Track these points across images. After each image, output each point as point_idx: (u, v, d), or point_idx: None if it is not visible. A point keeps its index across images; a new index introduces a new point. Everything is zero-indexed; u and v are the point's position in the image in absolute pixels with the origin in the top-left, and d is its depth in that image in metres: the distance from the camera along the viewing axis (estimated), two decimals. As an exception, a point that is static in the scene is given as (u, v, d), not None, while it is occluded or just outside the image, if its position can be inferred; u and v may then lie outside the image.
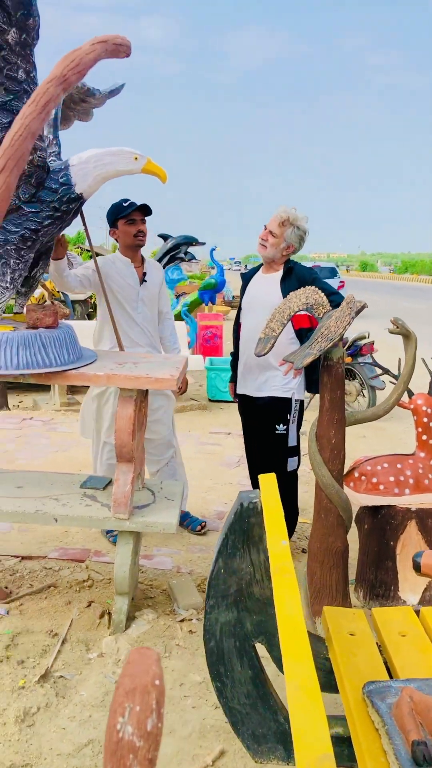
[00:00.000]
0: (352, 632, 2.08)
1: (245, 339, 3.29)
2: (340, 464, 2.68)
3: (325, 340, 2.43)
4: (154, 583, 3.18)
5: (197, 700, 2.37)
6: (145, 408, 2.86)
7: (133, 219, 3.28)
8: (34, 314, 2.59)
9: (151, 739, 0.47)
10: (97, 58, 0.86)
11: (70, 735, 2.16)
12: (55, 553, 3.42)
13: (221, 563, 1.99)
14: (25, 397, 7.33)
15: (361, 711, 1.71)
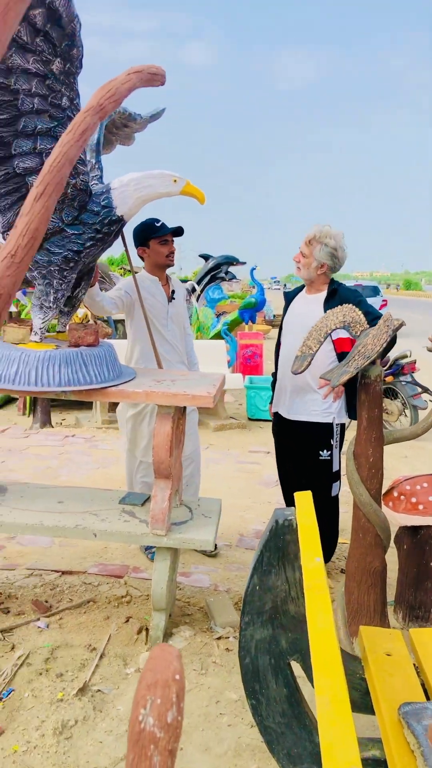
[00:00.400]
0: (389, 652, 2.06)
1: (284, 359, 3.29)
2: (378, 483, 2.66)
3: (362, 358, 2.44)
4: (192, 600, 3.19)
5: (233, 718, 2.36)
6: (182, 425, 2.89)
7: (167, 239, 3.36)
8: (76, 333, 2.66)
9: (171, 731, 0.49)
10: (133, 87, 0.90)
11: (106, 749, 2.18)
12: (94, 569, 3.46)
13: (256, 580, 2.00)
14: (68, 414, 7.46)
15: (397, 732, 1.69)
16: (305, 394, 3.20)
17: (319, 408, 3.19)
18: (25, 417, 7.29)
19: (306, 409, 3.22)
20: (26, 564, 3.49)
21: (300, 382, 3.17)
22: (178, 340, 3.55)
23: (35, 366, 2.49)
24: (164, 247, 3.39)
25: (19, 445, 5.98)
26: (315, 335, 2.67)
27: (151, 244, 3.38)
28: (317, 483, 3.24)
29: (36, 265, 2.54)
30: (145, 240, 3.39)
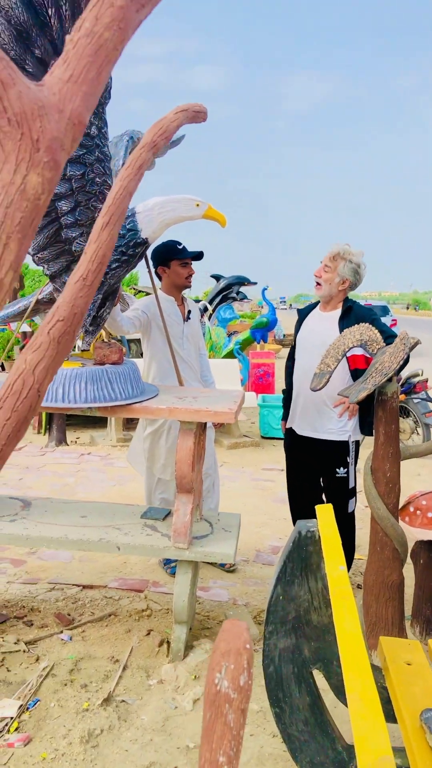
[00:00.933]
0: (409, 662, 2.10)
1: (299, 375, 3.35)
2: (395, 497, 2.72)
3: (379, 375, 2.51)
4: (211, 614, 3.24)
5: (255, 729, 2.41)
6: (203, 441, 2.97)
7: (187, 262, 3.46)
8: (101, 351, 2.75)
9: (243, 693, 0.56)
10: (180, 124, 0.99)
11: (132, 757, 2.23)
12: (114, 583, 3.52)
13: (280, 590, 2.06)
14: (83, 433, 7.55)
15: (420, 738, 1.74)
16: (321, 412, 3.26)
17: (335, 426, 3.25)
18: (41, 435, 7.38)
19: (323, 426, 3.28)
20: (48, 578, 3.56)
21: (316, 400, 3.24)
22: (193, 359, 3.65)
23: (62, 383, 2.58)
24: (185, 269, 3.50)
25: (36, 463, 6.07)
26: (333, 353, 2.74)
27: (171, 265, 3.49)
28: (334, 500, 3.30)
29: (64, 286, 2.63)
30: (166, 260, 3.49)
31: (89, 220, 2.53)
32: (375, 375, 2.54)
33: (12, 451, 0.71)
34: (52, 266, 2.58)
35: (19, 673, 2.69)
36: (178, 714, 2.46)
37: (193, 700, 2.54)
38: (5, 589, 3.40)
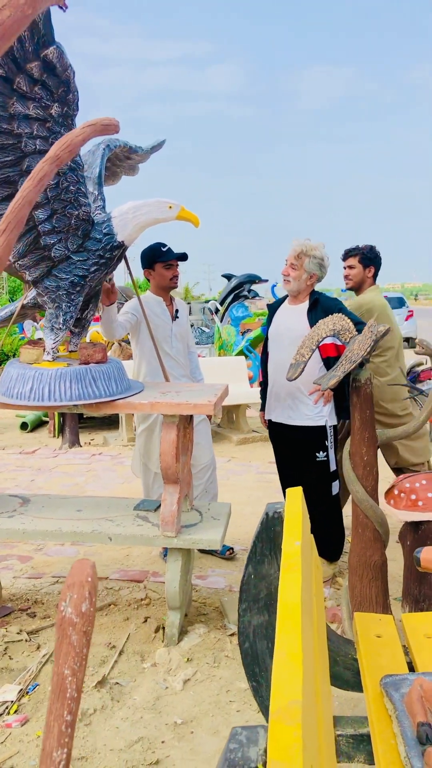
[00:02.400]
0: (379, 635, 2.20)
1: (273, 367, 3.48)
2: (373, 480, 2.81)
3: (348, 363, 2.60)
4: (208, 601, 3.35)
5: (242, 705, 2.52)
6: (189, 433, 3.08)
7: (171, 264, 3.57)
8: (85, 351, 2.88)
9: (84, 618, 0.67)
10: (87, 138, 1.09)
11: (122, 733, 2.35)
12: (116, 575, 3.65)
13: (251, 569, 2.16)
14: (96, 434, 7.71)
15: (379, 703, 1.84)
16: (297, 399, 3.39)
17: (312, 412, 3.36)
18: (55, 438, 7.56)
19: (299, 414, 3.40)
20: (52, 572, 3.70)
21: (291, 389, 3.35)
22: (182, 356, 3.75)
23: (48, 383, 2.71)
24: (168, 271, 3.60)
25: (48, 465, 6.23)
26: (308, 344, 2.84)
27: (156, 267, 3.60)
28: (317, 483, 3.40)
29: (45, 291, 2.77)
30: (151, 263, 3.60)
31: (66, 226, 2.65)
32: (345, 363, 2.63)
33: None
34: (33, 272, 2.71)
35: (21, 661, 2.82)
36: (168, 694, 2.58)
37: (184, 680, 2.65)
38: (11, 583, 3.55)
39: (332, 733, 1.87)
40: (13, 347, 11.16)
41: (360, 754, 2.03)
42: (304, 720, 1.09)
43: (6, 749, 2.27)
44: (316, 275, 3.38)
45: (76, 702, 0.67)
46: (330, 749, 1.63)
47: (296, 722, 1.06)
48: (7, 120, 2.37)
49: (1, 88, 2.29)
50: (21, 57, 2.24)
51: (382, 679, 1.85)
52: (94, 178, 2.95)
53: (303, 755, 0.93)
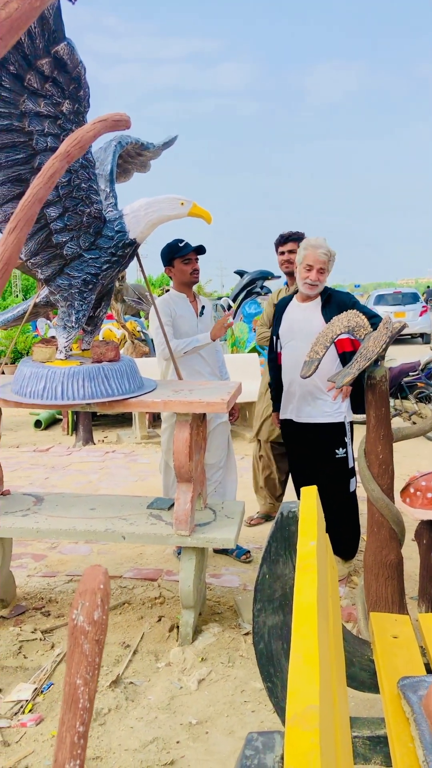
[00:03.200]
0: (396, 635, 2.17)
1: (289, 366, 3.45)
2: (389, 479, 2.78)
3: (363, 360, 2.57)
4: (222, 599, 3.34)
5: (256, 705, 2.50)
6: (203, 431, 3.06)
7: (189, 258, 3.55)
8: (98, 349, 2.87)
9: (96, 626, 0.65)
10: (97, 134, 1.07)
11: (137, 733, 2.34)
12: (130, 573, 3.64)
13: (266, 569, 2.14)
14: (110, 432, 7.71)
15: (396, 705, 1.81)
16: (315, 397, 3.36)
17: (331, 409, 3.34)
18: (69, 436, 7.57)
19: (318, 411, 3.37)
20: (66, 571, 3.70)
21: (309, 387, 3.32)
22: (208, 354, 3.73)
23: (61, 381, 2.70)
24: (187, 265, 3.59)
25: (62, 463, 6.24)
26: (322, 341, 2.81)
27: (175, 263, 3.59)
28: (335, 480, 3.38)
29: (58, 289, 2.76)
30: (170, 260, 3.60)
31: (78, 224, 2.64)
32: (360, 360, 2.60)
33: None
34: (45, 270, 2.70)
35: (36, 660, 2.82)
36: (183, 693, 2.57)
37: (199, 680, 2.64)
38: (25, 582, 3.55)
39: (349, 736, 1.85)
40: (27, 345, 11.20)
41: (377, 756, 2.01)
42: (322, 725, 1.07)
43: (21, 748, 2.27)
44: (330, 272, 3.38)
45: (89, 712, 0.65)
46: (347, 752, 1.61)
47: (313, 727, 1.03)
48: (19, 117, 2.36)
49: (12, 85, 2.28)
50: (32, 54, 2.23)
51: (400, 680, 1.83)
52: (105, 176, 2.93)
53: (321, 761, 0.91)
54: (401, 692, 1.79)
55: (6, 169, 2.45)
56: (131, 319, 9.93)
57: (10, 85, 2.26)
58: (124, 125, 1.17)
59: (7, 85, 2.26)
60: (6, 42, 0.73)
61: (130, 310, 9.72)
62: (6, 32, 0.71)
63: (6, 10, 0.71)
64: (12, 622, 3.12)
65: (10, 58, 2.18)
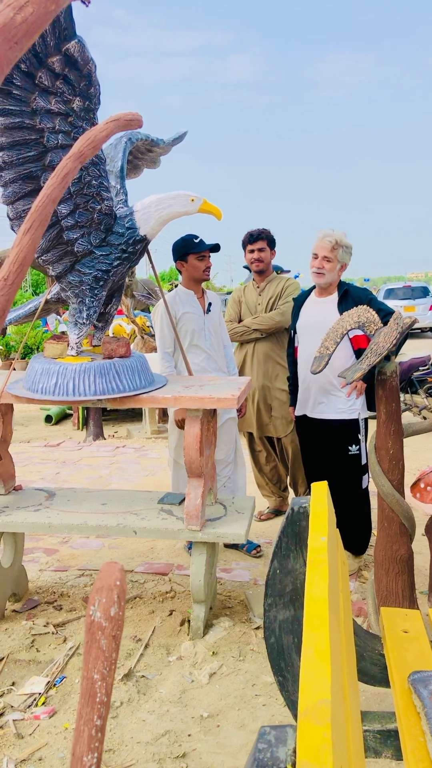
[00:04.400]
0: (406, 630, 2.18)
1: (305, 362, 3.45)
2: (399, 474, 2.78)
3: (374, 355, 2.57)
4: (233, 594, 3.35)
5: (267, 699, 2.51)
6: (213, 427, 3.07)
7: (204, 255, 3.56)
8: (109, 346, 2.88)
9: (113, 622, 0.66)
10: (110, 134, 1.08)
11: (149, 726, 2.36)
12: (141, 568, 3.67)
13: (276, 564, 2.15)
14: (120, 427, 7.74)
15: (407, 699, 1.82)
16: (330, 393, 3.36)
17: (345, 406, 3.34)
18: (79, 431, 7.60)
19: (333, 407, 3.37)
20: (78, 565, 3.73)
21: (324, 383, 3.33)
22: (215, 350, 3.74)
23: (72, 378, 2.72)
24: (201, 262, 3.60)
25: (73, 458, 6.27)
26: (332, 336, 2.81)
27: (189, 258, 3.60)
28: (348, 477, 3.38)
29: (69, 285, 2.77)
30: (184, 255, 3.60)
31: (89, 221, 2.65)
32: (370, 355, 2.60)
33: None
34: (56, 267, 2.72)
35: (48, 653, 2.85)
36: (194, 687, 2.59)
37: (210, 674, 2.66)
38: (37, 576, 3.58)
39: (360, 729, 1.86)
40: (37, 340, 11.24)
41: (388, 749, 2.02)
42: (334, 719, 1.08)
43: (34, 741, 2.30)
44: (346, 264, 3.37)
45: (106, 706, 0.66)
46: (358, 746, 1.62)
47: (326, 722, 1.04)
48: (30, 115, 2.37)
49: (24, 83, 2.29)
50: (42, 51, 2.24)
51: (410, 675, 1.84)
52: (116, 172, 2.94)
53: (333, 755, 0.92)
54: (412, 686, 1.80)
55: (17, 167, 2.46)
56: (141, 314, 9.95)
57: (22, 82, 2.27)
58: (136, 124, 1.18)
59: (19, 83, 2.27)
60: (22, 46, 0.74)
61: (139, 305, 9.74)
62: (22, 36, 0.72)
63: (21, 14, 0.72)
64: (24, 615, 3.15)
65: (22, 57, 2.18)
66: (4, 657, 2.80)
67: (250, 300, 4.20)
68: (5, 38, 0.70)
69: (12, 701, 2.52)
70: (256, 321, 4.06)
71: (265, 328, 4.04)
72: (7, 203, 2.54)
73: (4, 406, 3.11)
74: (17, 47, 0.73)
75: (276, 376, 4.06)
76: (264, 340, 4.11)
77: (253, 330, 4.07)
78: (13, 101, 2.31)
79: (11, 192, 2.51)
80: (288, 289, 4.11)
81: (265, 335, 4.08)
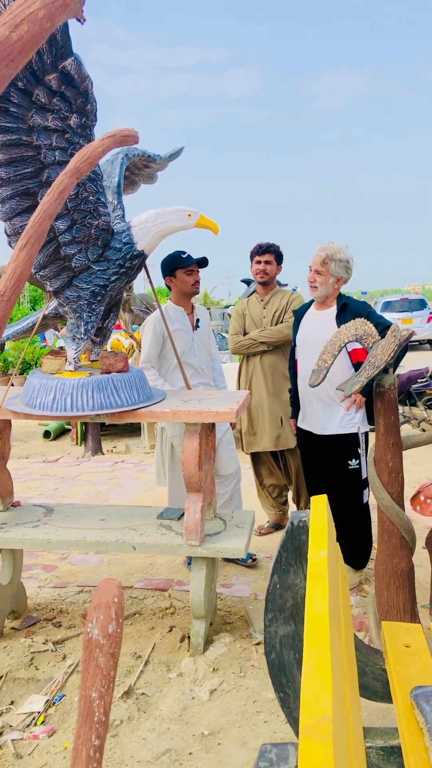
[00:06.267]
0: (408, 644, 2.16)
1: (303, 375, 3.45)
2: (399, 487, 2.77)
3: (372, 368, 2.57)
4: (233, 609, 3.33)
5: (269, 716, 2.49)
6: (212, 441, 3.06)
7: (192, 269, 3.59)
8: (107, 360, 2.88)
9: (111, 639, 0.66)
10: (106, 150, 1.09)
11: (149, 744, 2.33)
12: (140, 584, 3.64)
13: (276, 579, 2.14)
14: (118, 442, 7.72)
15: (409, 715, 1.80)
16: (329, 407, 3.36)
17: (344, 420, 3.33)
18: (78, 446, 7.59)
19: (332, 422, 3.37)
20: (77, 582, 3.70)
21: (323, 397, 3.32)
22: (204, 365, 3.76)
23: (71, 393, 2.71)
24: (190, 276, 3.62)
25: (72, 473, 6.25)
26: (330, 349, 2.81)
27: (177, 273, 3.62)
28: (348, 491, 3.37)
29: (67, 301, 2.78)
30: (172, 270, 3.62)
31: (86, 236, 2.66)
32: (368, 368, 2.60)
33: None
34: (54, 283, 2.72)
35: (47, 671, 2.82)
36: (195, 704, 2.56)
37: (210, 690, 2.63)
38: (36, 593, 3.56)
39: (362, 746, 1.84)
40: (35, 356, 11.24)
41: (391, 766, 2.00)
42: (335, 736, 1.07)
43: (33, 761, 2.27)
44: (343, 278, 3.37)
45: (104, 725, 0.65)
46: (361, 763, 1.60)
47: (327, 739, 1.03)
48: (27, 132, 2.38)
49: (20, 100, 2.30)
50: (39, 69, 2.26)
51: (413, 690, 1.82)
52: (113, 188, 2.95)
53: (335, 773, 0.91)
54: (414, 702, 1.78)
55: (14, 183, 2.48)
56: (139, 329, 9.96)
57: (18, 100, 2.29)
58: (132, 140, 1.19)
59: (16, 101, 2.28)
60: (18, 63, 0.75)
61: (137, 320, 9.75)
62: (18, 54, 0.73)
63: (17, 32, 0.72)
64: (23, 633, 3.12)
65: (18, 74, 2.20)
66: (2, 675, 2.78)
67: (254, 313, 4.21)
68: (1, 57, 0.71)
69: (11, 720, 2.49)
70: (263, 334, 4.08)
71: (273, 341, 4.06)
72: (4, 219, 2.55)
73: (2, 421, 3.10)
74: (13, 65, 0.74)
75: (283, 389, 4.07)
76: (270, 353, 4.13)
77: (260, 343, 4.09)
78: (10, 118, 2.33)
79: (9, 208, 2.52)
80: (293, 303, 4.14)
81: (271, 348, 4.10)
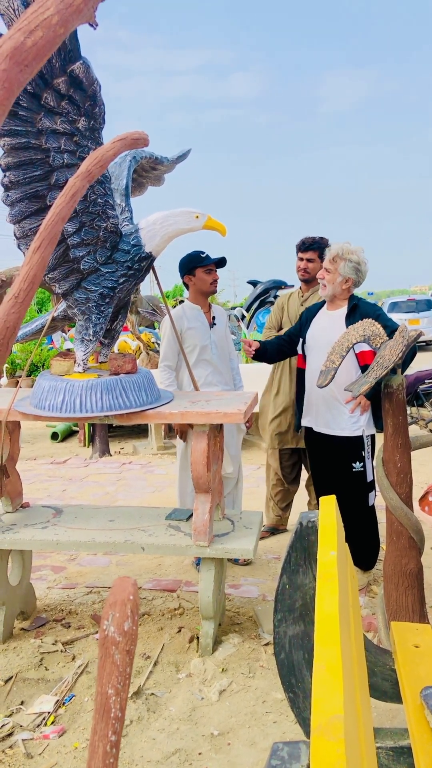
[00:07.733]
0: (417, 644, 2.16)
1: (311, 375, 3.46)
2: (407, 487, 2.77)
3: (380, 369, 2.57)
4: (241, 610, 3.34)
5: (278, 716, 2.49)
6: (220, 442, 3.07)
7: (211, 269, 3.62)
8: (115, 362, 2.89)
9: (127, 636, 0.67)
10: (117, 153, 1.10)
11: (159, 745, 2.34)
12: (149, 584, 3.65)
13: (286, 579, 2.14)
14: (126, 443, 7.74)
15: (420, 715, 1.80)
16: (334, 408, 3.35)
17: (349, 422, 3.33)
18: (86, 448, 7.60)
19: (336, 423, 3.37)
20: (85, 582, 3.71)
21: (329, 398, 3.32)
22: (222, 364, 3.77)
23: (79, 394, 2.73)
24: (209, 275, 3.68)
25: (79, 474, 6.27)
26: (338, 350, 2.82)
27: (197, 272, 3.67)
28: (353, 494, 3.36)
29: (75, 303, 2.79)
30: (191, 269, 3.67)
31: (94, 239, 2.67)
32: (376, 369, 2.60)
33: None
34: (62, 285, 2.74)
35: (57, 672, 2.83)
36: (204, 705, 2.57)
37: (219, 691, 2.64)
38: (45, 594, 3.57)
39: (373, 746, 1.84)
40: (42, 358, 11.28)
41: (401, 766, 2.00)
42: (347, 735, 1.07)
43: (44, 761, 2.28)
44: (352, 279, 3.36)
45: (120, 722, 0.66)
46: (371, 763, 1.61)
47: (339, 738, 1.04)
48: (35, 135, 2.40)
49: (30, 103, 2.32)
50: (48, 73, 2.27)
51: (423, 690, 1.82)
52: (121, 190, 2.96)
53: (347, 772, 0.92)
54: (424, 702, 1.78)
55: (23, 186, 2.49)
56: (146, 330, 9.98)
57: (27, 103, 2.31)
58: (142, 143, 1.20)
59: (25, 104, 2.30)
60: (32, 68, 0.76)
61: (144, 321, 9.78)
62: (32, 59, 0.74)
63: (32, 38, 0.73)
64: (33, 634, 3.14)
65: (27, 78, 2.22)
66: (12, 676, 2.79)
67: (292, 308, 4.22)
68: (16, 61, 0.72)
69: (21, 720, 2.50)
70: None
71: None
72: (13, 222, 2.57)
73: (11, 423, 3.12)
74: (27, 70, 0.75)
75: None
76: None
77: None
78: (19, 122, 2.34)
79: (18, 211, 2.54)
80: None
81: None
